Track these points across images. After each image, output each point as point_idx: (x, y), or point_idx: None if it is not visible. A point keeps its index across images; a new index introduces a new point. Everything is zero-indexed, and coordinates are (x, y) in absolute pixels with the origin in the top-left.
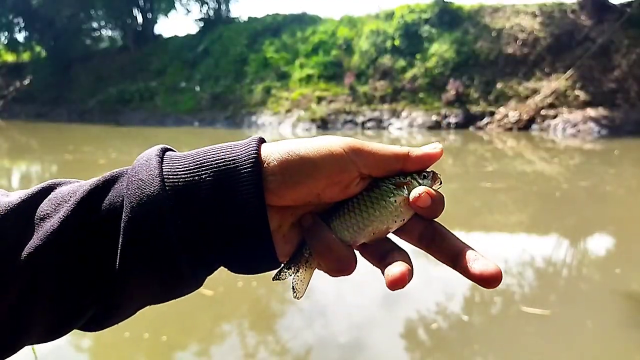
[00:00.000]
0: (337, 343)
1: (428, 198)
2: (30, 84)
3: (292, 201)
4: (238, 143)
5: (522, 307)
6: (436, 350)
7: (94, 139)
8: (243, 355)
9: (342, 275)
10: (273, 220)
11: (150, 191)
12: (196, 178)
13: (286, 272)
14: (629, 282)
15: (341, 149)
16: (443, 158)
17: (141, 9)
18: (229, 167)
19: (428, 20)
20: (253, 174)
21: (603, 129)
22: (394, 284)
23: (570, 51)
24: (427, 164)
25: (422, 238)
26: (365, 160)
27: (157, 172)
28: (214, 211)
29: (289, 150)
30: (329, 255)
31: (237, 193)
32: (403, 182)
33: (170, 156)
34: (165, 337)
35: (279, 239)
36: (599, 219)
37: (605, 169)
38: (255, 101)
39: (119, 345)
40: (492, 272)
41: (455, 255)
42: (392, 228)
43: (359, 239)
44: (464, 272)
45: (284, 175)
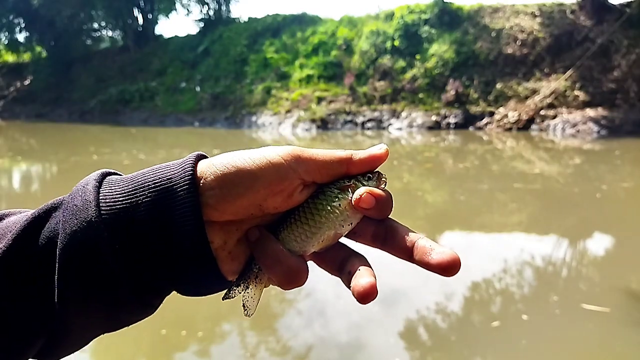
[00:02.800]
0: (337, 343)
1: (371, 198)
2: (30, 84)
3: (234, 215)
4: (175, 162)
5: (521, 307)
6: (435, 350)
7: (107, 140)
8: (243, 355)
9: (294, 287)
10: (216, 236)
11: (85, 217)
12: (133, 200)
13: (235, 289)
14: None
15: (279, 157)
16: (443, 158)
17: (142, 10)
18: (163, 187)
19: (428, 21)
20: (189, 192)
21: (602, 129)
22: (364, 297)
23: (570, 51)
24: (374, 165)
25: (375, 238)
26: (306, 166)
27: (93, 196)
28: (152, 233)
29: (225, 163)
30: (277, 268)
31: (173, 211)
32: (347, 185)
33: (110, 180)
34: (165, 337)
35: (224, 255)
36: (599, 219)
37: (606, 169)
38: (255, 101)
39: (119, 345)
40: (450, 260)
41: (409, 249)
42: (341, 233)
43: (309, 248)
44: (421, 264)
45: (222, 189)
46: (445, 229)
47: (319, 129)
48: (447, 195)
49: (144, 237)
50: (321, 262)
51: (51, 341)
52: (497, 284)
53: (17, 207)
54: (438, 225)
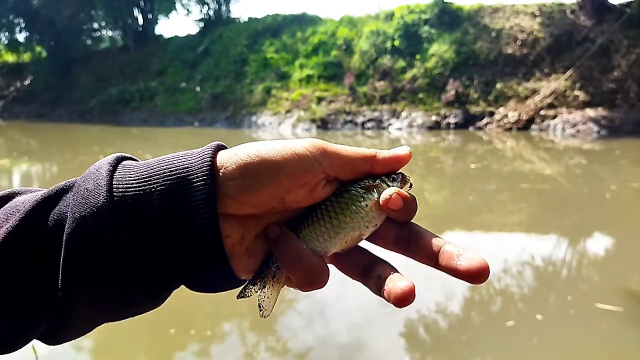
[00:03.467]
0: (337, 343)
1: (400, 199)
2: (30, 84)
3: (254, 207)
4: (194, 150)
5: (535, 306)
6: (436, 350)
7: (109, 140)
8: (243, 355)
9: (314, 288)
10: (234, 231)
11: (95, 201)
12: (147, 188)
13: (251, 288)
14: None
15: (305, 149)
16: (443, 158)
17: (141, 10)
18: (180, 175)
19: (428, 21)
20: (206, 182)
21: (602, 129)
22: (403, 300)
23: (570, 51)
24: (396, 166)
25: (397, 242)
26: (331, 160)
27: (105, 181)
28: (164, 223)
29: (249, 152)
30: (298, 267)
31: (188, 202)
32: (372, 184)
33: (124, 165)
34: (165, 337)
35: (241, 252)
36: (611, 220)
37: (612, 170)
38: (255, 101)
39: (119, 345)
40: (479, 267)
41: (435, 254)
42: (364, 235)
43: (331, 249)
44: (448, 270)
45: (244, 179)
46: (459, 229)
47: (319, 129)
48: (449, 195)
49: (155, 226)
50: (343, 265)
51: (54, 325)
52: (507, 284)
53: None
54: (449, 225)
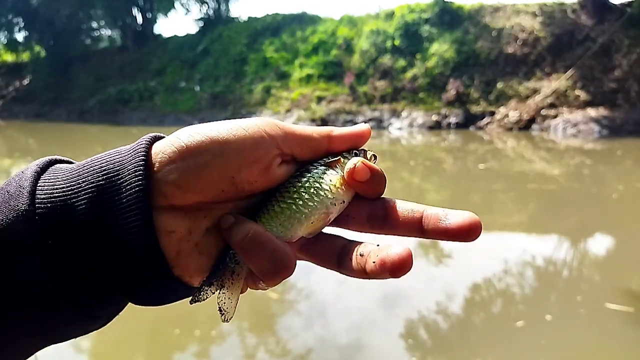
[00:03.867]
0: (337, 344)
1: (365, 169)
2: (29, 84)
3: (201, 193)
4: (129, 146)
5: (520, 308)
6: (436, 351)
7: (111, 140)
8: (243, 356)
9: (281, 277)
10: (179, 224)
11: (14, 205)
12: (74, 189)
13: (207, 289)
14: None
15: (255, 124)
16: (443, 158)
17: (141, 9)
18: (109, 174)
19: (428, 20)
20: (137, 174)
21: (604, 129)
22: (400, 267)
23: (571, 51)
24: (356, 143)
25: (372, 219)
26: (285, 136)
27: (28, 182)
28: (91, 228)
29: (191, 132)
30: (260, 252)
31: (117, 202)
32: (334, 160)
33: (55, 168)
34: (164, 338)
35: (189, 248)
36: (619, 220)
37: (618, 170)
38: (255, 101)
39: (118, 345)
40: (471, 221)
41: (417, 221)
42: (332, 214)
43: (297, 232)
44: (437, 234)
45: (186, 160)
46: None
47: None
48: (450, 195)
49: (81, 232)
50: (314, 255)
51: None
52: (514, 285)
53: None
54: None
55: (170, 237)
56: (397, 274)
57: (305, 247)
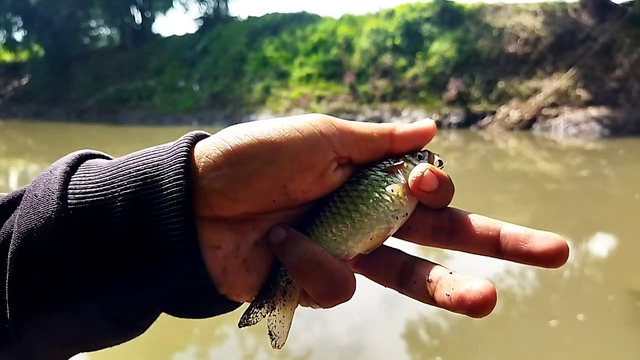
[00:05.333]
0: (337, 345)
1: (434, 178)
2: (28, 83)
3: (250, 203)
4: (168, 144)
5: (522, 308)
6: (436, 352)
7: (113, 140)
8: (243, 356)
9: (339, 301)
10: (226, 239)
11: (44, 211)
12: (108, 193)
13: (256, 312)
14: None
15: (309, 124)
16: (444, 158)
17: (139, 8)
18: (148, 177)
19: (429, 19)
20: (178, 180)
21: (605, 128)
22: (483, 306)
23: (572, 50)
24: (421, 142)
25: (437, 233)
26: (342, 136)
27: (58, 185)
28: (128, 238)
29: (238, 133)
30: (317, 275)
31: (156, 209)
32: (396, 165)
33: (87, 165)
34: (164, 338)
35: (237, 265)
36: (601, 219)
37: (607, 169)
38: (254, 100)
39: (117, 345)
40: (558, 245)
41: (494, 239)
42: (393, 228)
43: (353, 249)
44: (519, 256)
45: (233, 167)
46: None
47: None
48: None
49: (118, 242)
50: (372, 271)
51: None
52: (542, 284)
53: None
54: None
55: (216, 253)
56: (478, 314)
57: (361, 261)
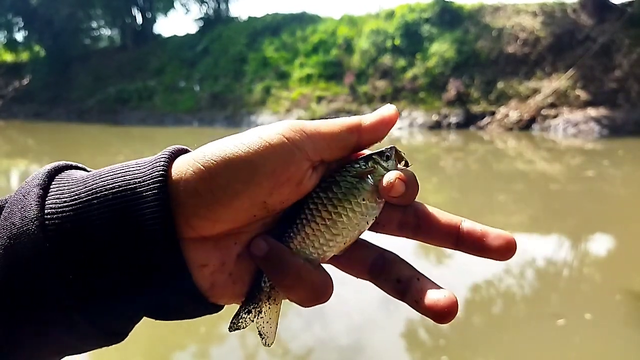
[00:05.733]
0: (337, 345)
1: (402, 184)
2: (29, 84)
3: (232, 222)
4: (146, 159)
5: (529, 308)
6: (436, 352)
7: (115, 141)
8: (243, 356)
9: (319, 304)
10: (212, 257)
11: (24, 228)
12: (86, 211)
13: (245, 317)
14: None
15: (281, 137)
16: (444, 158)
17: (140, 8)
18: (126, 194)
19: (428, 20)
20: (159, 201)
21: (604, 129)
22: (445, 316)
23: (571, 51)
24: (385, 130)
25: (403, 226)
26: (314, 143)
27: (35, 201)
28: (111, 256)
29: (211, 155)
30: (299, 287)
31: (138, 230)
32: (365, 170)
33: (63, 178)
34: (164, 338)
35: (224, 279)
36: (606, 219)
37: (608, 169)
38: (254, 100)
39: (117, 345)
40: (509, 241)
41: (453, 233)
42: (364, 230)
43: (329, 253)
44: (475, 249)
45: (213, 192)
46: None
47: None
48: (450, 195)
49: (100, 259)
50: (345, 264)
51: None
52: (550, 282)
53: None
54: None
55: (203, 271)
56: (444, 321)
57: (335, 257)
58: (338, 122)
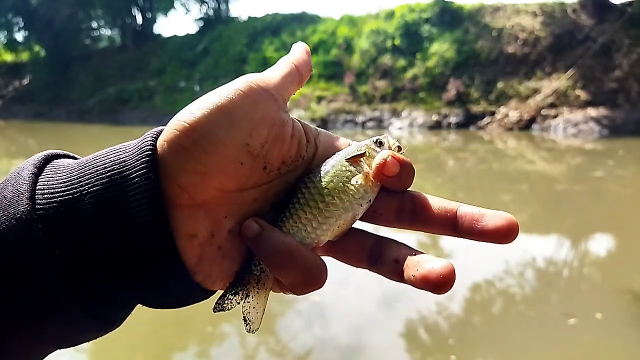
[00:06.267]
0: (337, 344)
1: (395, 163)
2: (29, 84)
3: (221, 173)
4: (134, 141)
5: (540, 307)
6: (436, 351)
7: (117, 140)
8: (243, 356)
9: (312, 289)
10: (201, 227)
11: (14, 212)
12: (77, 191)
13: (231, 299)
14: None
15: (247, 81)
16: (444, 158)
17: (140, 9)
18: (114, 172)
19: (428, 20)
20: (146, 176)
21: (604, 128)
22: (444, 284)
23: (571, 51)
24: (311, 62)
25: (400, 215)
26: (274, 84)
27: (27, 186)
28: (99, 232)
29: (192, 110)
30: (291, 267)
31: (125, 203)
32: (358, 154)
33: (54, 165)
34: (164, 338)
35: (212, 253)
36: (600, 219)
37: (608, 169)
38: None
39: (118, 345)
40: (508, 222)
41: (450, 219)
42: (358, 214)
43: (322, 237)
44: (473, 233)
45: (196, 142)
46: None
47: None
48: (449, 195)
49: (89, 238)
50: (343, 254)
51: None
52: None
53: None
54: None
55: (192, 241)
56: (441, 291)
57: (332, 246)
58: (278, 66)
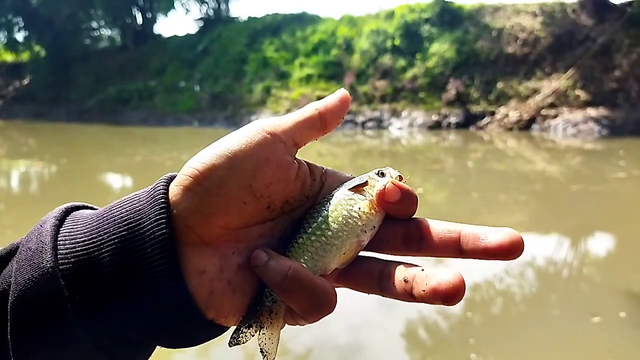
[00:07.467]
0: (336, 345)
1: (396, 190)
2: (29, 84)
3: (225, 213)
4: (145, 189)
5: (565, 305)
6: (435, 351)
7: (121, 141)
8: (243, 356)
9: (323, 315)
10: (209, 263)
11: (39, 264)
12: (96, 242)
13: (246, 332)
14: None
15: (254, 128)
16: (444, 158)
17: (140, 9)
18: (131, 222)
19: (428, 20)
20: (159, 224)
21: (604, 128)
22: (453, 295)
23: (571, 51)
24: (343, 110)
25: (407, 242)
26: (282, 129)
27: (49, 238)
28: (118, 281)
29: (201, 157)
30: (301, 293)
31: (141, 253)
32: (360, 184)
33: (74, 217)
34: None
35: (222, 288)
36: (600, 219)
37: (608, 169)
38: (254, 101)
39: None
40: (511, 238)
41: (455, 241)
42: (364, 241)
43: (330, 264)
44: (477, 253)
45: (202, 185)
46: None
47: None
48: (448, 195)
49: (109, 287)
50: (353, 281)
51: None
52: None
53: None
54: None
55: (202, 277)
56: (451, 302)
57: (342, 275)
58: (297, 112)
